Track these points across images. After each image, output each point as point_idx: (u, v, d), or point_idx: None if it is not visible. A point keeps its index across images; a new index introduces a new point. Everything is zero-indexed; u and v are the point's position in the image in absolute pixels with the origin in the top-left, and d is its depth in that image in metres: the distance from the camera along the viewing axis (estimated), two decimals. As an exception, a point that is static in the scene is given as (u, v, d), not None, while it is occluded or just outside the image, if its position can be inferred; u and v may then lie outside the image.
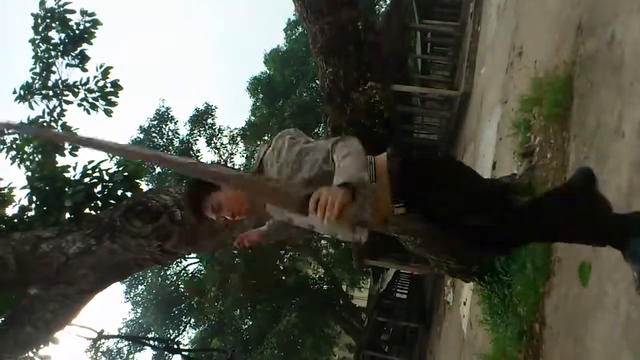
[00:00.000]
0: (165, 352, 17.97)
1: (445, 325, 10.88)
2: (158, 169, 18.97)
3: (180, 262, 19.53)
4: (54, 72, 5.33)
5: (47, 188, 4.06)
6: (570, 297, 3.12)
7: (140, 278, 19.80)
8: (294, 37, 23.96)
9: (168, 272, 20.16)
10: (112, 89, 5.35)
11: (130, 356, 19.35)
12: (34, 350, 4.70)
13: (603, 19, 3.25)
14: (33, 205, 4.12)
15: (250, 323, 19.55)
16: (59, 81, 5.32)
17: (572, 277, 3.07)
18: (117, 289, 22.54)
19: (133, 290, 20.17)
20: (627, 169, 2.49)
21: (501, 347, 4.11)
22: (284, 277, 18.71)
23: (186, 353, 14.86)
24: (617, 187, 2.60)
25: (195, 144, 19.97)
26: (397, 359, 16.07)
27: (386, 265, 15.23)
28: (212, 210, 2.14)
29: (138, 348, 19.13)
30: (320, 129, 18.45)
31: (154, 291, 19.77)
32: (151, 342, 16.28)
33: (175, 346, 14.72)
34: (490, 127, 7.91)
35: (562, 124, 3.76)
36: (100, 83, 5.37)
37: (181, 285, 20.11)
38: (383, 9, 21.84)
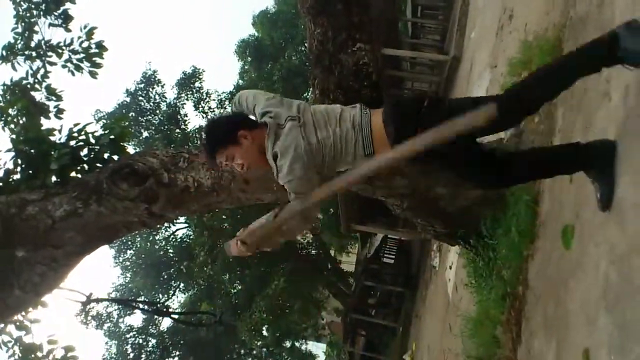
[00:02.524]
0: (155, 316, 18.18)
1: (431, 288, 11.07)
2: (145, 133, 18.81)
3: (169, 227, 19.56)
4: (36, 32, 5.20)
5: (32, 151, 4.01)
6: (552, 260, 3.18)
7: (129, 243, 19.81)
8: (282, -2, 23.53)
9: (157, 237, 20.19)
10: (96, 50, 5.23)
11: (120, 320, 19.53)
12: (24, 313, 4.73)
13: (594, -20, 3.21)
14: (18, 169, 4.08)
15: (239, 287, 19.71)
16: (42, 42, 5.19)
17: (555, 240, 3.12)
18: (106, 253, 22.61)
19: (122, 255, 20.19)
20: (613, 133, 2.51)
21: (485, 309, 4.19)
22: (272, 242, 18.77)
23: (175, 316, 15.06)
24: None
25: (183, 107, 19.79)
26: (383, 322, 16.36)
27: (374, 230, 15.38)
28: (225, 158, 2.40)
29: (128, 312, 19.32)
30: (309, 93, 18.31)
31: (143, 256, 19.82)
32: (141, 305, 16.42)
33: (165, 309, 14.89)
34: (480, 92, 7.90)
35: (551, 87, 3.75)
36: (85, 44, 5.24)
37: (170, 250, 20.17)
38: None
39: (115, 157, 4.08)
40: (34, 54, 5.17)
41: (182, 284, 20.52)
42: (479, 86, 8.10)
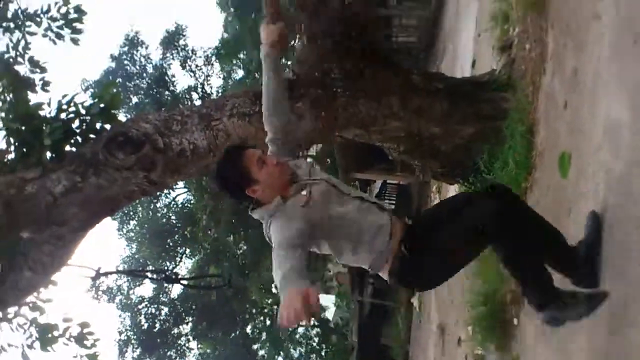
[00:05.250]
0: (165, 284, 18.38)
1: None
2: (135, 99, 18.54)
3: (169, 193, 19.55)
4: (11, 2, 5.07)
5: (23, 128, 3.97)
6: (552, 189, 3.20)
7: (131, 213, 19.79)
8: (261, -57, 22.67)
9: (158, 205, 20.18)
10: (75, 15, 5.09)
11: (131, 291, 19.65)
12: (36, 294, 4.76)
13: None
14: (12, 148, 4.04)
15: (245, 247, 19.85)
16: (19, 11, 5.06)
17: (553, 169, 3.13)
18: (109, 226, 22.69)
19: (125, 226, 20.22)
20: (604, 52, 2.49)
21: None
22: (273, 198, 18.77)
23: (185, 282, 15.23)
24: (594, 73, 2.60)
25: (170, 68, 19.38)
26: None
27: (372, 177, 15.42)
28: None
29: (137, 283, 19.48)
30: (296, 41, 17.94)
31: (146, 225, 19.79)
32: (149, 274, 16.59)
33: (174, 276, 15.04)
34: (469, 24, 7.78)
35: (540, 12, 3.70)
36: (63, 10, 5.10)
37: (172, 217, 20.21)
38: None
39: (108, 126, 4.03)
40: (12, 25, 5.04)
41: (188, 250, 20.59)
42: (467, 17, 7.97)
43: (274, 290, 19.80)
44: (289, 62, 3.77)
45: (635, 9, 2.22)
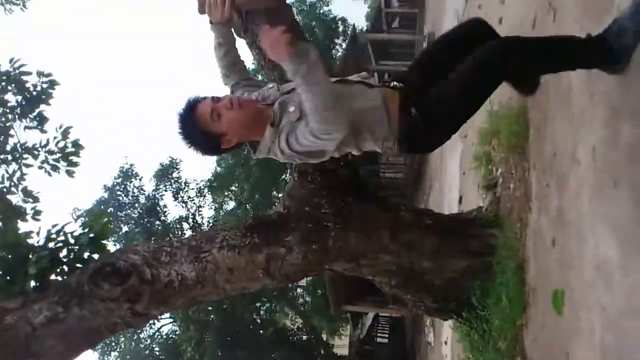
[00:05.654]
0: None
1: (428, 366, 10.75)
2: (125, 228, 18.57)
3: (154, 323, 18.94)
4: (12, 136, 5.25)
5: (9, 256, 3.94)
6: (547, 327, 3.14)
7: (113, 344, 19.04)
8: (256, 85, 24.08)
9: (141, 336, 19.49)
10: (73, 149, 5.26)
11: None
12: None
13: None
14: (-4, 276, 3.97)
15: (229, 382, 18.92)
16: (18, 144, 5.23)
17: (547, 306, 3.09)
18: (88, 357, 21.67)
19: (106, 358, 19.40)
20: (586, 193, 2.56)
21: (485, 384, 4.07)
22: (261, 331, 18.30)
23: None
24: (578, 213, 2.66)
25: (162, 199, 19.66)
26: (383, 406, 15.74)
27: (364, 309, 15.11)
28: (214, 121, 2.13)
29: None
30: (287, 174, 18.44)
31: (127, 357, 19.02)
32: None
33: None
34: (453, 163, 8.07)
35: (522, 154, 3.87)
36: (61, 144, 5.27)
37: (156, 348, 19.43)
38: (339, 53, 22.23)
39: (96, 256, 4.01)
40: (9, 157, 5.18)
41: (170, 385, 19.59)
42: (452, 157, 8.28)
43: None
44: (280, 195, 3.85)
45: (611, 156, 2.32)
